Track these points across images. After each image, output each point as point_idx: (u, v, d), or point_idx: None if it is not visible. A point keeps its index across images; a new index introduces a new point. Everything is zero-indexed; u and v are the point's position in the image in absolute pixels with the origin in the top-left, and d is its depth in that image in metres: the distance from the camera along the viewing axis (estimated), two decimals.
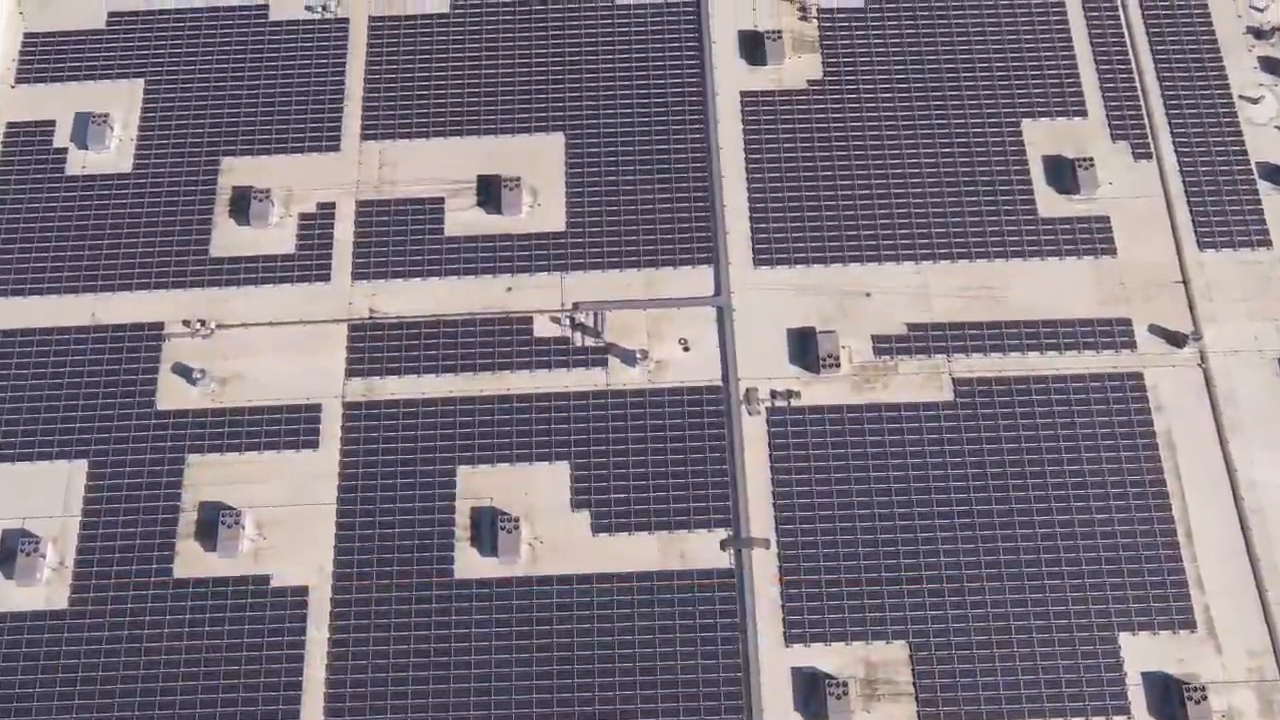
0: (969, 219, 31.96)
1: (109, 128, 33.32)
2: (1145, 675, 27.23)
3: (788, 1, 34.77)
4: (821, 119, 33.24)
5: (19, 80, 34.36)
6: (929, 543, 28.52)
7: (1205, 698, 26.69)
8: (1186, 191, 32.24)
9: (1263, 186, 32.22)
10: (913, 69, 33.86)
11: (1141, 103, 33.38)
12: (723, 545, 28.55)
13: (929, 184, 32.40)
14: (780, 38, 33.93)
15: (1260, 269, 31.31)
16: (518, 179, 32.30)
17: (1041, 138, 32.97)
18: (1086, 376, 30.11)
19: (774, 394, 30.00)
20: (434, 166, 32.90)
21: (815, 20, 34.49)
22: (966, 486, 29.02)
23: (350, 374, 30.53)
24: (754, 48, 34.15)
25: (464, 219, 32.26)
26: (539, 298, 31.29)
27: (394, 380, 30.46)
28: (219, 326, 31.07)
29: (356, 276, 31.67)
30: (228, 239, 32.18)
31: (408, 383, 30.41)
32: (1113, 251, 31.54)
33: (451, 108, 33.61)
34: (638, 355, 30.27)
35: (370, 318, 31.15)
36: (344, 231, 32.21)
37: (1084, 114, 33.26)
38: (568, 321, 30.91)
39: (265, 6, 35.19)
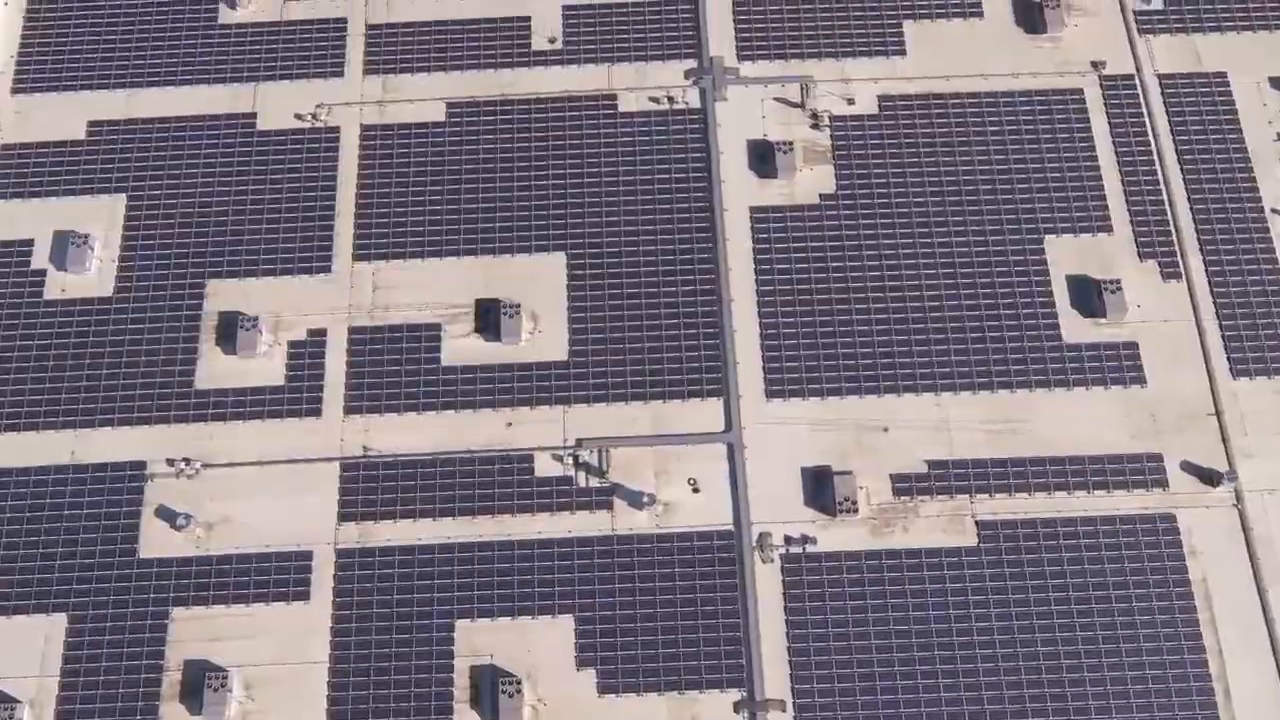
0: (990, 345, 30.49)
1: (89, 249, 31.82)
2: None
3: (799, 108, 33.29)
4: (835, 236, 31.77)
5: None
6: (953, 703, 27.05)
7: None
8: (1218, 314, 30.78)
9: None
10: (929, 181, 32.38)
11: (1170, 218, 31.91)
12: (736, 708, 27.09)
13: (948, 306, 30.93)
14: (791, 149, 32.41)
15: None
16: (517, 305, 30.81)
17: (1065, 256, 31.49)
18: (1116, 519, 28.65)
19: (788, 539, 28.53)
20: (430, 290, 31.40)
21: (828, 129, 33.00)
22: (992, 640, 27.55)
23: (343, 518, 29.05)
24: (764, 159, 32.66)
25: (462, 347, 30.77)
26: (540, 433, 29.81)
27: (389, 525, 28.97)
28: (205, 466, 29.57)
29: (349, 411, 30.17)
30: (214, 369, 30.67)
31: (403, 528, 28.92)
32: (1142, 381, 30.06)
33: (448, 225, 32.13)
34: (645, 499, 28.80)
35: (364, 456, 29.67)
36: (335, 361, 30.71)
37: (1109, 230, 31.79)
38: (570, 460, 29.44)
39: (253, 115, 33.69)
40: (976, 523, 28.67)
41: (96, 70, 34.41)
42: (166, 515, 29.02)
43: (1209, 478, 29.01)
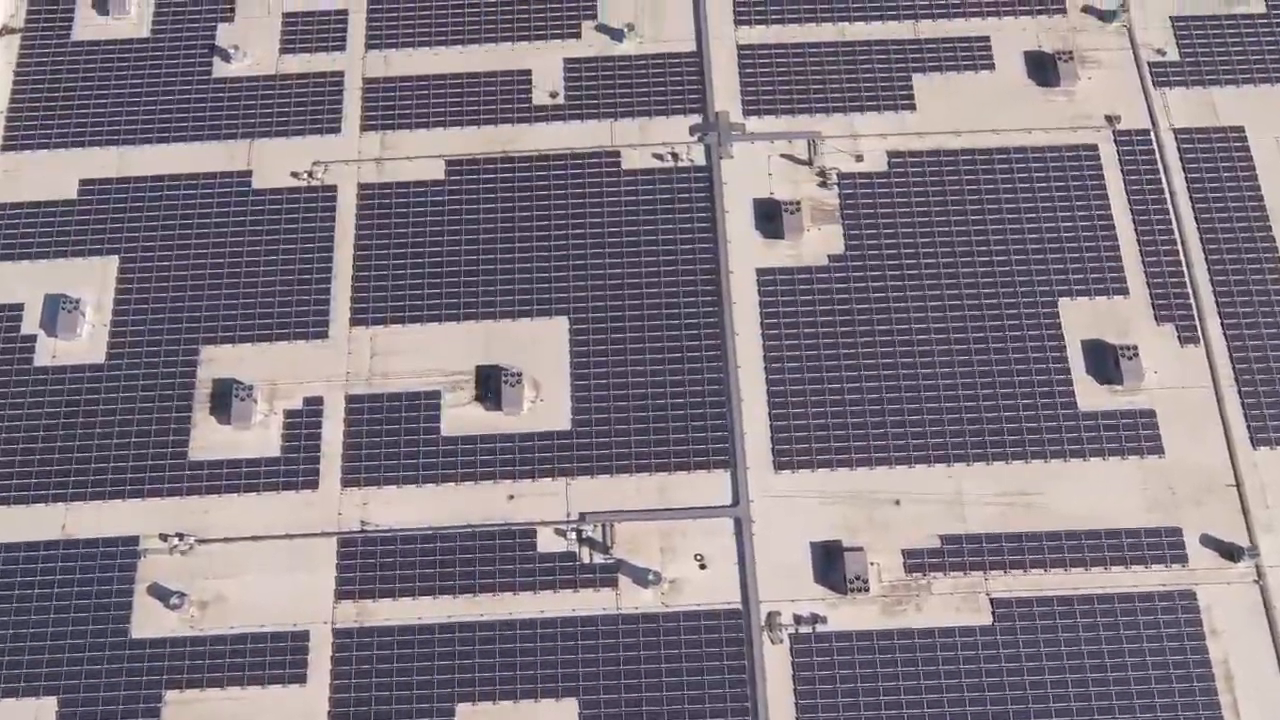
0: (1004, 413, 29.72)
1: (80, 314, 31.06)
2: None
3: (806, 166, 32.52)
4: (844, 299, 30.99)
5: None
6: None
7: None
8: (1237, 381, 30.00)
9: None
10: (940, 241, 31.61)
11: (1187, 279, 31.13)
12: None
13: (960, 372, 30.17)
14: (798, 209, 31.64)
15: None
16: (519, 373, 30.05)
17: (1080, 319, 30.71)
18: (1135, 596, 27.89)
19: (798, 619, 27.78)
20: (429, 356, 30.65)
21: (835, 187, 32.22)
22: None
23: (340, 596, 28.29)
24: (770, 218, 31.89)
25: (462, 416, 30.02)
26: (542, 507, 29.05)
27: (388, 603, 28.21)
28: (199, 541, 28.84)
29: (346, 483, 29.42)
30: (208, 440, 29.91)
31: (403, 606, 28.16)
32: (1160, 450, 29.29)
33: (447, 288, 31.36)
34: (650, 576, 28.05)
35: (362, 531, 28.92)
36: (333, 431, 29.95)
37: (1125, 292, 31.00)
38: (574, 535, 28.68)
39: (248, 173, 32.92)
40: (991, 600, 27.90)
41: (88, 127, 33.65)
42: (160, 593, 28.25)
43: (1229, 552, 28.25)
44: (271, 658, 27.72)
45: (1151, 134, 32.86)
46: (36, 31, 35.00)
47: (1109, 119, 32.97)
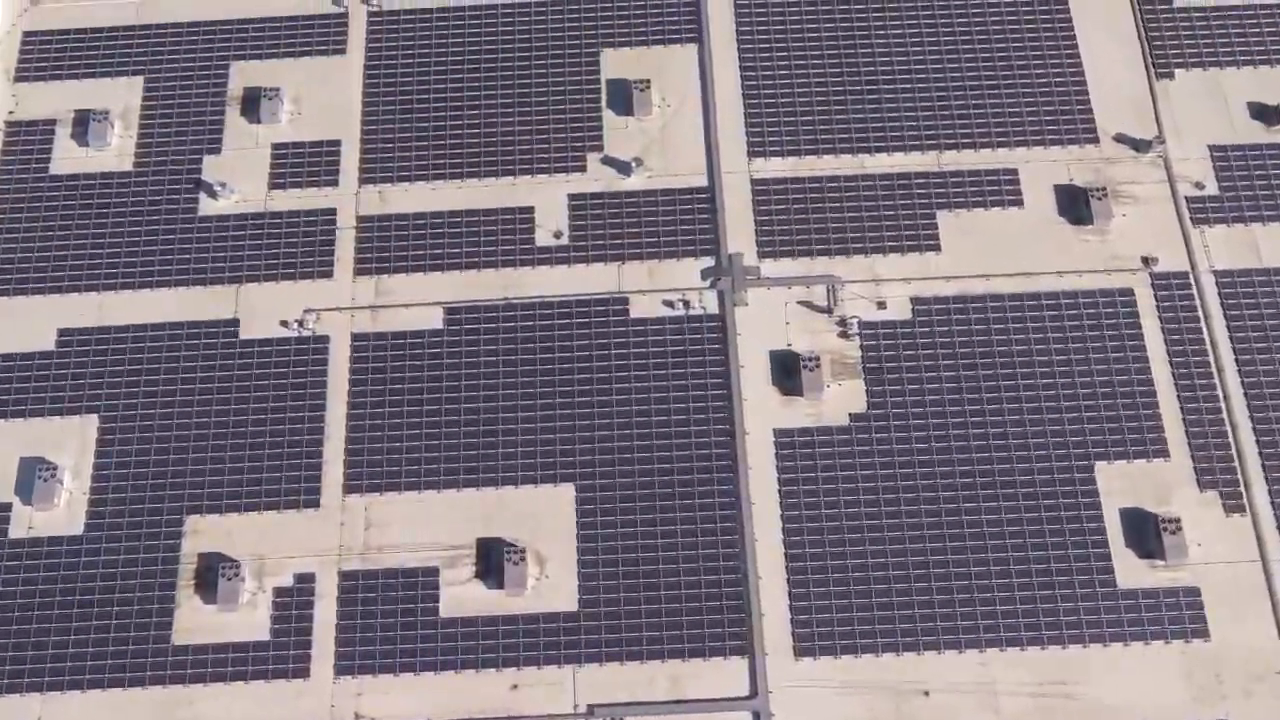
0: (1039, 593, 27.92)
1: (58, 482, 29.31)
2: None
3: (825, 314, 30.72)
4: (867, 465, 29.19)
5: None
6: None
7: None
8: None
9: None
10: (968, 398, 29.78)
11: (1231, 441, 29.30)
12: None
13: (991, 545, 28.37)
14: (818, 365, 29.82)
15: None
16: (522, 550, 28.28)
17: (1118, 485, 28.90)
18: None
19: None
20: (427, 528, 28.88)
21: (857, 338, 30.42)
22: None
23: None
24: (788, 373, 30.10)
25: (461, 596, 28.25)
26: (548, 697, 27.29)
27: None
28: None
29: (340, 671, 27.66)
30: (193, 622, 28.16)
31: None
32: (1205, 634, 27.50)
33: (446, 451, 29.59)
34: None
35: None
36: (325, 612, 28.18)
37: (1166, 455, 29.19)
38: None
39: (234, 322, 31.15)
40: None
41: (67, 270, 31.87)
42: None
43: None
44: None
45: (1190, 277, 31.04)
46: (13, 164, 33.24)
47: (1145, 260, 31.16)
